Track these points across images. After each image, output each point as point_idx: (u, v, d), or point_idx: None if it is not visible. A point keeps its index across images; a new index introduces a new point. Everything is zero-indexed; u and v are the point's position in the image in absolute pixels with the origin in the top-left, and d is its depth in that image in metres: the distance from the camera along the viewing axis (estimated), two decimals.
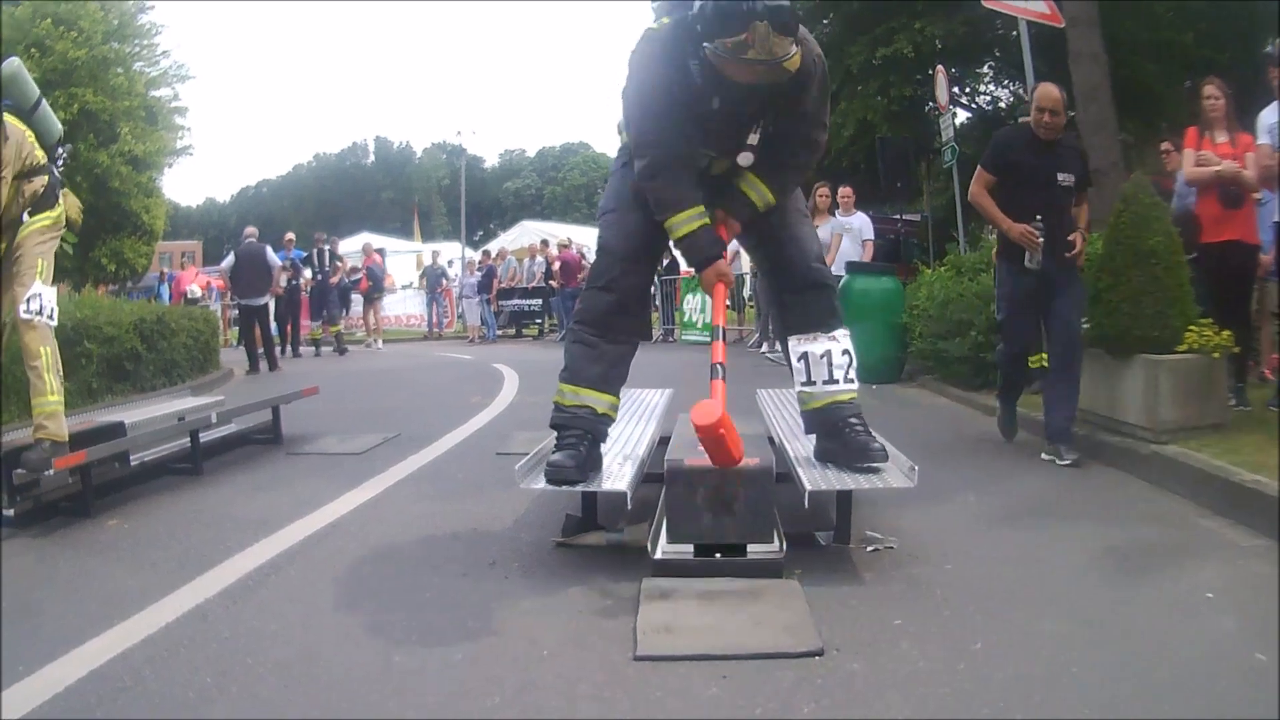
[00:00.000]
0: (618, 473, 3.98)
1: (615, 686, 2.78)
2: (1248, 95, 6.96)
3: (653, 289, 15.94)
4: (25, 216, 4.72)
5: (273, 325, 15.73)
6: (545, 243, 24.55)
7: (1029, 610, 3.32)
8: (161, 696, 2.79)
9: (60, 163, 5.11)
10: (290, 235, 18.38)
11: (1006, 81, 21.19)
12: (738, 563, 3.66)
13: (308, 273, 17.82)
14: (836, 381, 4.06)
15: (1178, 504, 4.66)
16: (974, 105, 22.05)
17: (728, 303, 19.50)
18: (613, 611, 3.38)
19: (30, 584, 3.83)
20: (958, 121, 17.37)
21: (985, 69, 21.37)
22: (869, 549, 3.99)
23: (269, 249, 15.09)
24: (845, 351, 4.10)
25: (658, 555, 3.74)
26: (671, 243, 4.04)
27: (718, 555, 3.70)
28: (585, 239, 25.36)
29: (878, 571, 3.74)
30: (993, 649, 2.97)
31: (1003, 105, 21.27)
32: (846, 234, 11.58)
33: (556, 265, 20.67)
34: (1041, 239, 5.54)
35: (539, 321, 22.82)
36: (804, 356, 4.08)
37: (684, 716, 2.59)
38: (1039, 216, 5.58)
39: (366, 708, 2.68)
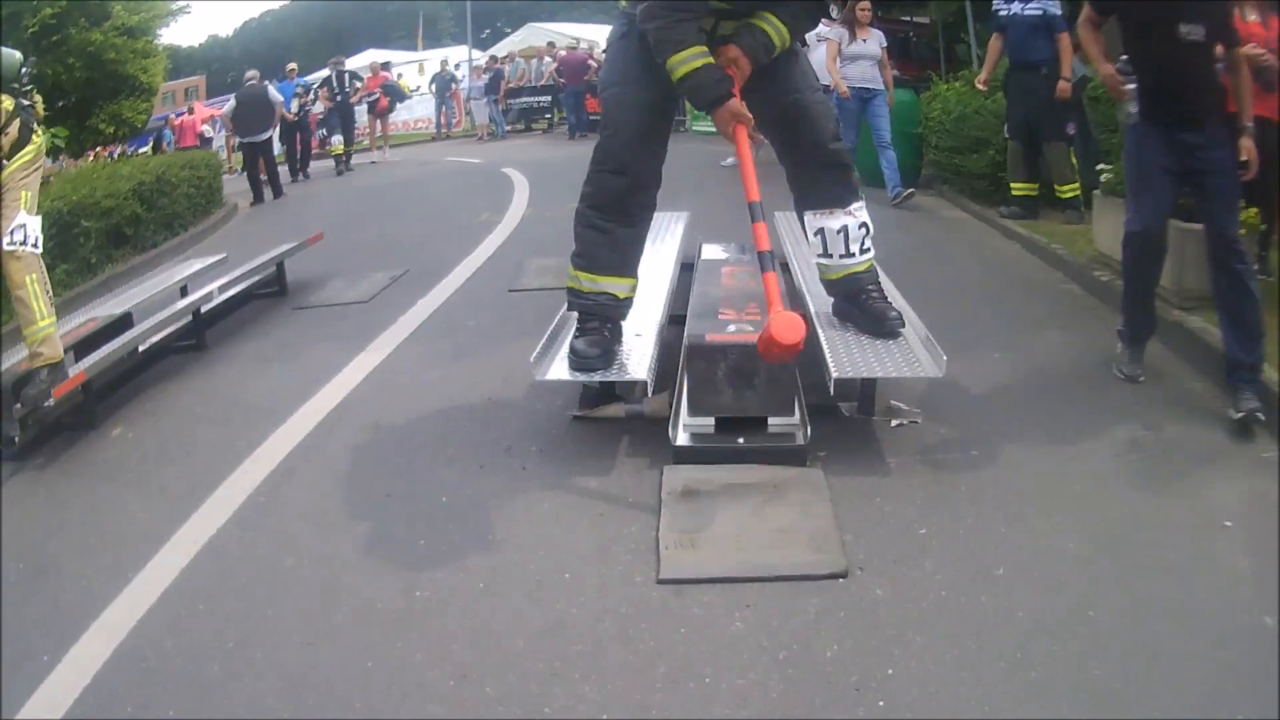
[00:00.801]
0: (637, 353, 3.79)
1: (640, 621, 2.69)
2: None
3: None
4: (3, 162, 4.45)
5: (279, 146, 15.35)
6: (552, 44, 23.71)
7: (1052, 524, 3.13)
8: (187, 672, 2.67)
9: (26, 78, 4.74)
10: (291, 65, 17.56)
11: None
12: (761, 449, 3.52)
13: (324, 94, 16.83)
14: (853, 255, 3.84)
15: (1202, 385, 4.24)
16: None
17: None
18: (634, 512, 3.27)
19: (42, 535, 3.61)
20: None
21: None
22: (893, 424, 3.82)
23: (270, 87, 14.69)
24: (862, 225, 3.85)
25: (679, 441, 3.60)
26: (676, 85, 3.56)
27: (740, 440, 3.56)
28: (594, 36, 24.38)
29: (902, 456, 3.59)
30: (1015, 575, 2.84)
31: None
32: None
33: (553, 67, 20.42)
34: (1129, 87, 4.16)
35: (548, 116, 22.51)
36: (820, 232, 3.85)
37: (709, 656, 2.51)
38: (1124, 55, 4.26)
39: (397, 663, 2.59)
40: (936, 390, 4.09)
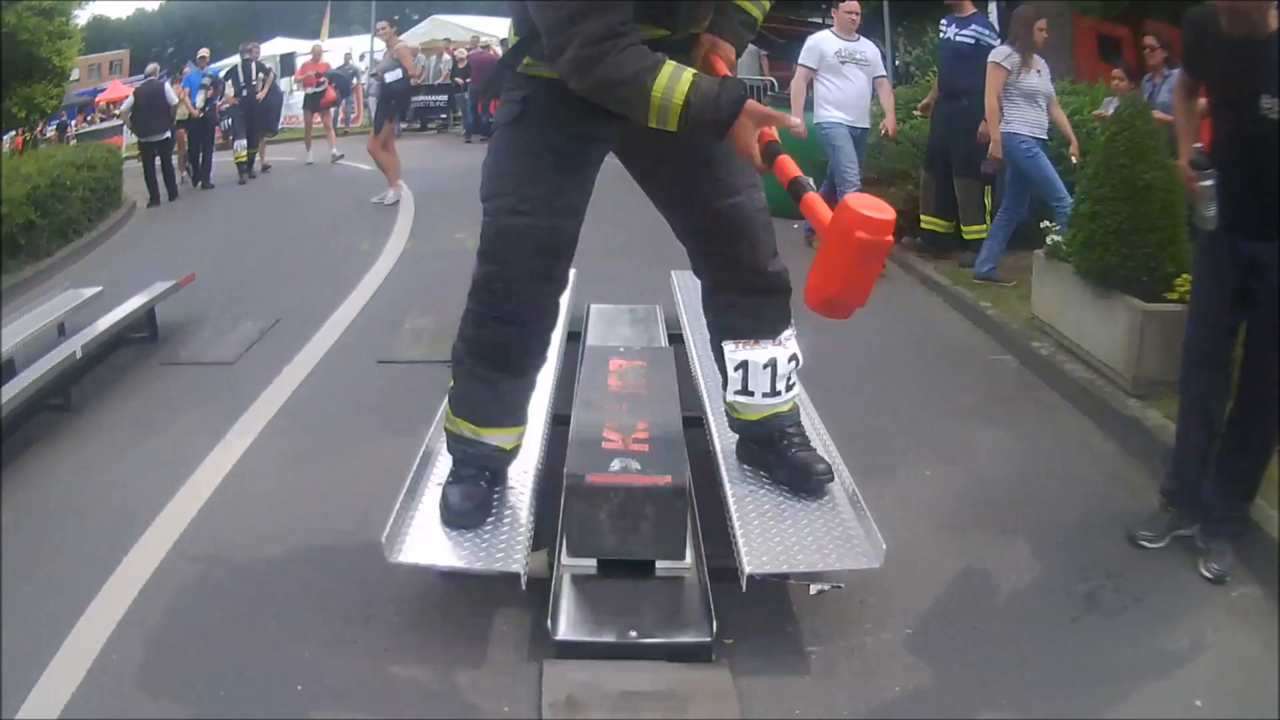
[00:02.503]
0: (509, 522, 3.10)
1: None
2: None
3: None
4: None
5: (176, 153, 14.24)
6: (448, 40, 23.13)
7: None
8: None
9: None
10: (204, 52, 16.19)
11: None
12: (659, 645, 2.82)
13: (230, 89, 15.17)
14: (779, 393, 3.15)
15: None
16: None
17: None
18: None
19: None
20: None
21: None
22: (813, 590, 3.14)
23: (167, 85, 13.64)
24: (791, 357, 3.17)
25: (560, 634, 2.86)
26: (681, 122, 2.48)
27: (633, 634, 2.83)
28: (499, 30, 23.55)
29: (824, 642, 2.94)
30: None
31: None
32: (860, 66, 7.45)
33: (463, 64, 20.13)
34: (1205, 184, 3.20)
35: (443, 117, 22.14)
36: (743, 365, 3.13)
37: None
38: (1196, 144, 3.34)
39: None
40: None
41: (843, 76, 7.23)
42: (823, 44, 7.32)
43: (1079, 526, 3.60)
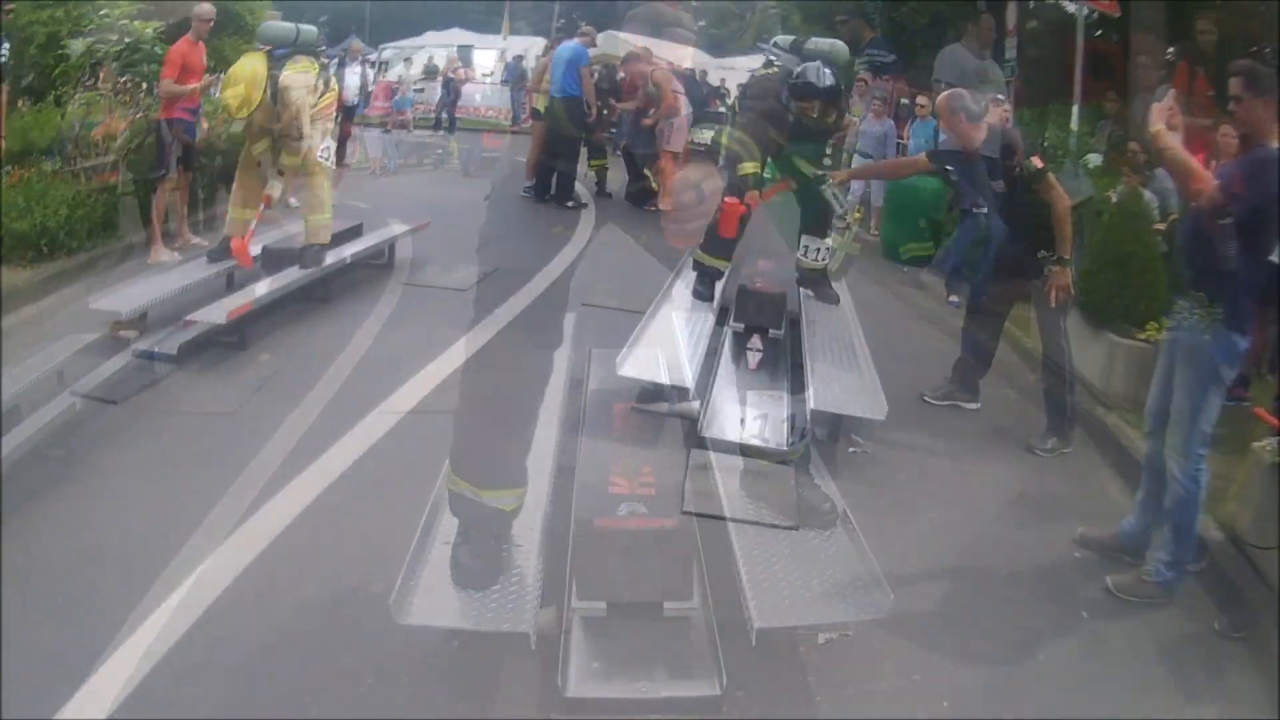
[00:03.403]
0: (518, 586, 3.18)
1: None
2: None
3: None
4: None
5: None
6: (434, 70, 23.33)
7: None
8: None
9: None
10: (194, 85, 16.23)
11: None
12: (668, 700, 2.88)
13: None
14: (793, 445, 3.42)
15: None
16: None
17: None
18: None
19: None
20: None
21: None
22: (821, 640, 3.20)
23: (162, 123, 13.60)
24: (812, 412, 3.47)
25: (570, 691, 2.92)
26: None
27: (642, 687, 2.91)
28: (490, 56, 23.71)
29: (829, 688, 3.00)
30: None
31: None
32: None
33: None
34: (1225, 222, 3.26)
35: (439, 151, 21.85)
36: (763, 417, 3.51)
37: None
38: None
39: None
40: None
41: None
42: (963, 61, 6.55)
43: (1083, 561, 3.69)
